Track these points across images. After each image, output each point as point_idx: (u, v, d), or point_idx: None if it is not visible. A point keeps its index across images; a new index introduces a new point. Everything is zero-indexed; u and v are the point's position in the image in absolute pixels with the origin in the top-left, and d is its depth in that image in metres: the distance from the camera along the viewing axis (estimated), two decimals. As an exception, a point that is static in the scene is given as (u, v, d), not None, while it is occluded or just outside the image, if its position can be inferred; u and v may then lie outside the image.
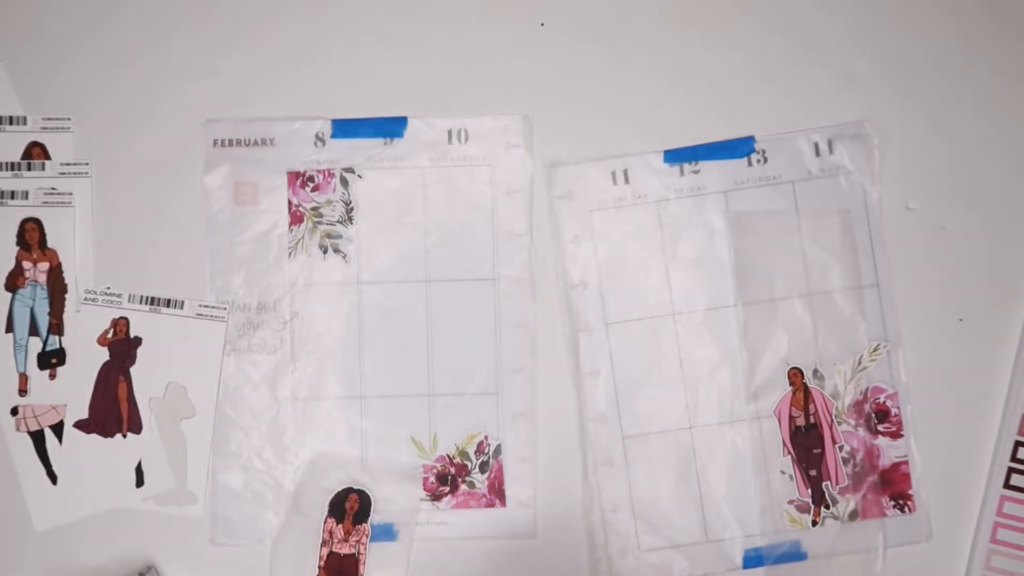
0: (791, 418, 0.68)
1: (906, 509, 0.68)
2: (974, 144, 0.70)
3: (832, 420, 0.68)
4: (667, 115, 0.71)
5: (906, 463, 0.68)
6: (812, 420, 0.68)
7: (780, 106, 0.70)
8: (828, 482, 0.68)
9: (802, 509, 0.68)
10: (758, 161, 0.70)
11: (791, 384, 0.68)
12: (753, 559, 0.68)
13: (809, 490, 0.68)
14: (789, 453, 0.68)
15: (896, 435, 0.68)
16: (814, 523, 0.67)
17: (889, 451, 0.68)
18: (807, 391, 0.68)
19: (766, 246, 0.69)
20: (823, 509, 0.67)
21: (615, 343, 0.69)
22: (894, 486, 0.68)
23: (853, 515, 0.68)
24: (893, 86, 0.71)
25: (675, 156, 0.70)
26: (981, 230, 0.70)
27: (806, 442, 0.68)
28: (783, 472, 0.68)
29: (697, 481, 0.68)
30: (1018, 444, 0.68)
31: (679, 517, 0.68)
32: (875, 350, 0.68)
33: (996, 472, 0.68)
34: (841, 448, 0.68)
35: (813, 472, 0.68)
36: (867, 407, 0.68)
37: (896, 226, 0.69)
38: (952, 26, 0.71)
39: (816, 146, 0.70)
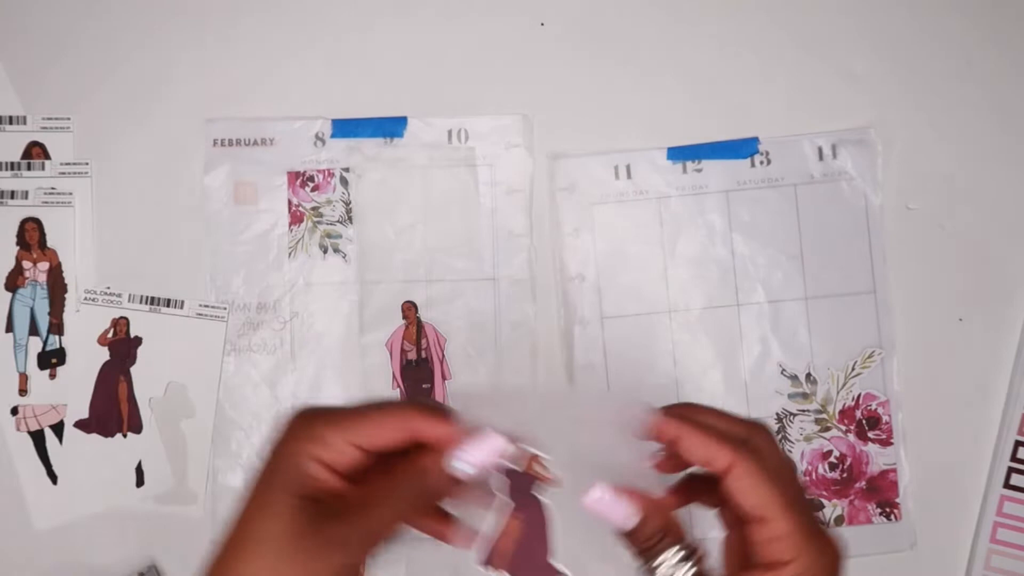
0: (403, 351, 0.68)
1: (892, 517, 0.68)
2: (975, 146, 0.70)
3: (443, 356, 0.68)
4: (670, 116, 0.70)
5: (894, 471, 0.68)
6: (424, 355, 0.68)
7: (785, 109, 0.70)
8: None
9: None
10: (761, 162, 0.70)
11: (404, 318, 0.69)
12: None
13: None
14: (398, 386, 0.68)
15: (886, 443, 0.68)
16: None
17: (878, 458, 0.68)
18: (420, 325, 0.68)
19: (765, 248, 0.69)
20: None
21: (610, 337, 0.69)
22: (881, 493, 0.68)
23: (839, 520, 0.68)
24: (898, 90, 0.70)
25: (678, 154, 0.70)
26: (981, 230, 0.70)
27: (416, 376, 0.69)
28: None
29: (686, 479, 0.68)
30: (1018, 444, 0.68)
31: (669, 514, 0.68)
32: (869, 357, 0.68)
33: (996, 472, 0.68)
34: (830, 454, 0.68)
35: None
36: (858, 413, 0.68)
37: (896, 228, 0.69)
38: (954, 27, 0.71)
39: (820, 150, 0.70)
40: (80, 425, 0.68)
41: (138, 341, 0.69)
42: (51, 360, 0.69)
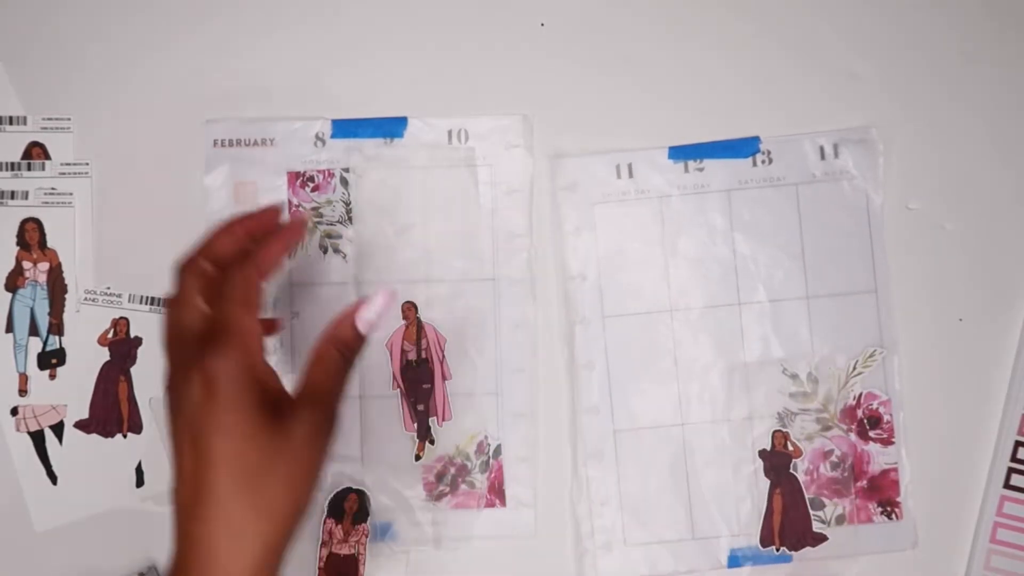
0: (403, 352, 0.69)
1: (893, 516, 0.68)
2: (976, 146, 0.70)
3: (443, 357, 0.69)
4: (671, 116, 0.70)
5: (895, 470, 0.68)
6: (424, 355, 0.69)
7: (786, 108, 0.70)
8: (434, 417, 0.68)
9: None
10: (763, 162, 0.70)
11: (404, 318, 0.69)
12: (738, 559, 0.68)
13: (415, 424, 0.69)
14: (398, 387, 0.69)
15: (887, 442, 0.68)
16: (417, 457, 0.68)
17: (879, 457, 0.68)
18: (420, 325, 0.69)
19: (766, 247, 0.69)
20: (427, 444, 0.68)
21: (611, 336, 0.69)
22: (882, 493, 0.68)
23: (840, 520, 0.68)
24: (898, 90, 0.70)
25: (680, 153, 0.70)
26: (981, 230, 0.70)
27: (416, 376, 0.69)
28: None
29: (686, 478, 0.68)
30: (1018, 444, 0.68)
31: (666, 513, 0.68)
32: (870, 356, 0.68)
33: (996, 472, 0.68)
34: (831, 453, 0.68)
35: (420, 407, 0.69)
36: (860, 413, 0.68)
37: (898, 228, 0.69)
38: (956, 30, 0.71)
39: (821, 149, 0.70)
40: (80, 425, 0.68)
41: (138, 341, 0.69)
42: (51, 360, 0.69)
